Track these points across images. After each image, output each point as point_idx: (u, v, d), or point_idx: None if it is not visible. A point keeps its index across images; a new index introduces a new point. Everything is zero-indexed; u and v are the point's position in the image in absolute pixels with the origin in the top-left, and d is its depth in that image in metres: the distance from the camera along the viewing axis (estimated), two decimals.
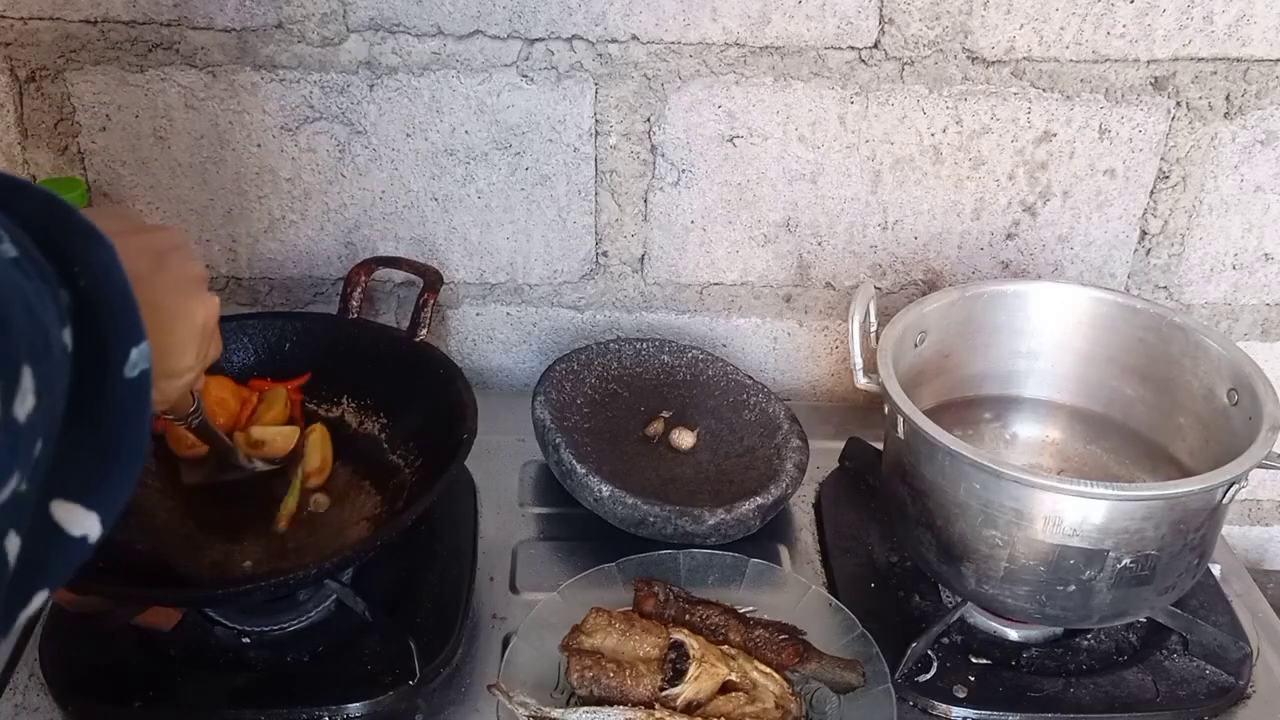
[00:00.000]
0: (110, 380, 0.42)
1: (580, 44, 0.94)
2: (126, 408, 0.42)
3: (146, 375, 0.43)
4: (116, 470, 0.42)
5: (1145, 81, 0.96)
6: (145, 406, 0.43)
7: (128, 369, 0.42)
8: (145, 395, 0.43)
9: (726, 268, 1.06)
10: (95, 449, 0.42)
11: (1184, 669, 0.81)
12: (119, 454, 0.42)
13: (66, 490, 0.41)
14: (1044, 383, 0.94)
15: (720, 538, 0.88)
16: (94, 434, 0.42)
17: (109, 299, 0.42)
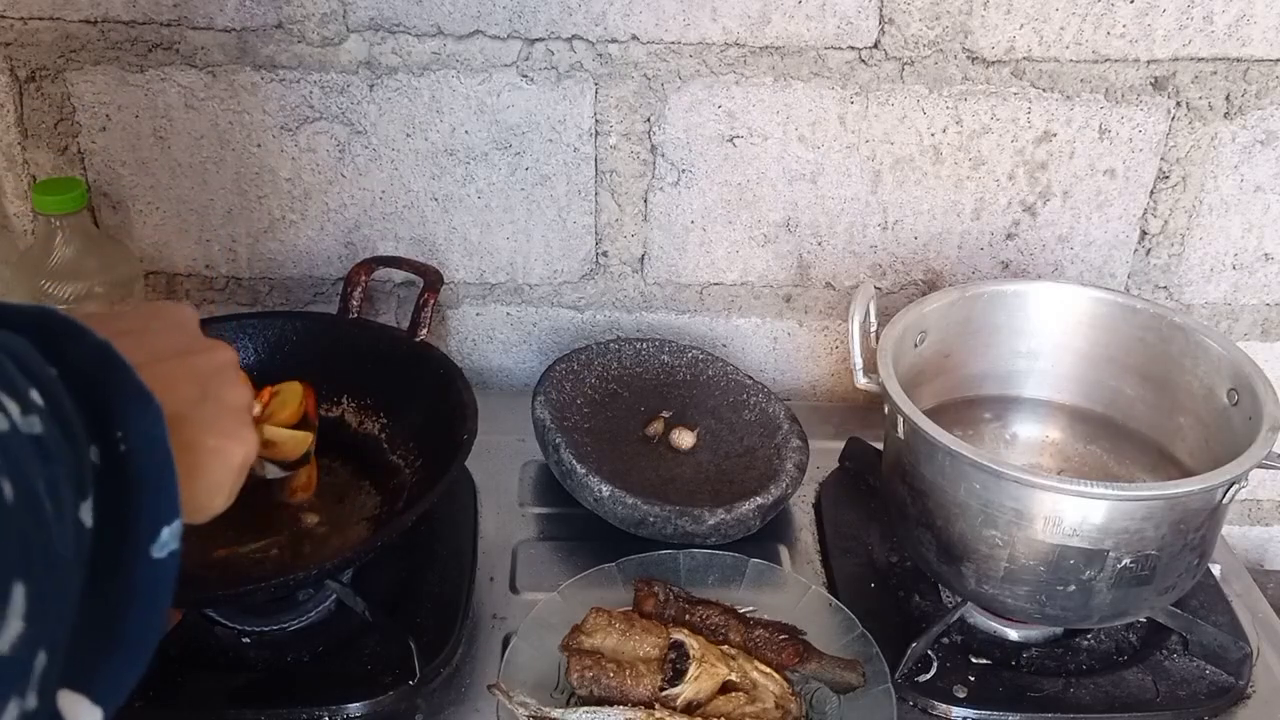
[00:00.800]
0: (134, 558, 0.39)
1: (580, 44, 0.94)
2: (147, 591, 0.40)
3: (175, 556, 0.40)
4: (126, 661, 0.40)
5: (1145, 81, 0.96)
6: (167, 591, 0.40)
7: (155, 549, 0.39)
8: (169, 579, 0.40)
9: (726, 268, 1.06)
10: (108, 633, 0.39)
11: (1184, 669, 0.81)
12: (132, 642, 0.40)
13: (73, 680, 0.38)
14: (1044, 383, 0.94)
15: (720, 538, 0.88)
16: (108, 616, 0.39)
17: (147, 471, 0.39)
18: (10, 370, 0.36)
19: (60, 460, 0.36)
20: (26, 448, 0.34)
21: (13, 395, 0.35)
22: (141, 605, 0.40)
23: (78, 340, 0.41)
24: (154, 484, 0.39)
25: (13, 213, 1.02)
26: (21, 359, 0.37)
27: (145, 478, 0.39)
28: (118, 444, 0.39)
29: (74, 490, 0.37)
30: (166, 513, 0.40)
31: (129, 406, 0.40)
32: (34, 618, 0.33)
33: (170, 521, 0.40)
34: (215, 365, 0.55)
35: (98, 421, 0.39)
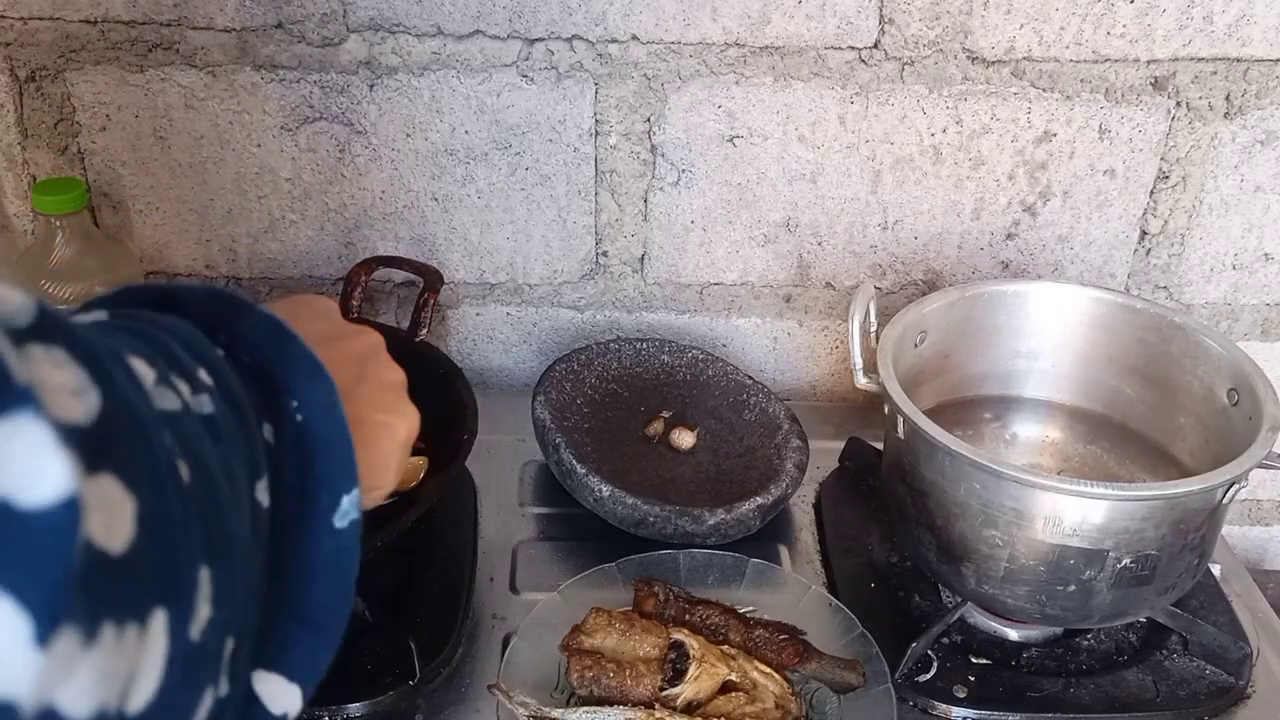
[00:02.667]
0: (316, 532, 0.38)
1: (580, 44, 0.94)
2: (332, 563, 0.39)
3: (356, 526, 0.39)
4: (318, 637, 0.39)
5: (1145, 81, 0.96)
6: (351, 563, 0.40)
7: (337, 519, 0.39)
8: (354, 549, 0.40)
9: (726, 268, 1.06)
10: (297, 611, 0.38)
11: (1184, 669, 0.81)
12: (321, 618, 0.39)
13: (267, 660, 0.38)
14: (1044, 383, 0.94)
15: (720, 538, 0.88)
16: (296, 594, 0.38)
17: (324, 441, 0.39)
18: (178, 351, 0.35)
19: (233, 439, 0.35)
20: (200, 428, 0.34)
21: (183, 376, 0.35)
22: (327, 579, 0.39)
23: (246, 316, 0.40)
24: (331, 453, 0.39)
25: (13, 213, 1.02)
26: (188, 340, 0.37)
27: (322, 448, 0.39)
28: (293, 416, 0.38)
29: (248, 469, 0.36)
30: (345, 481, 0.39)
31: (302, 378, 0.39)
32: (220, 602, 0.33)
33: (349, 490, 0.39)
34: (368, 347, 0.54)
35: (270, 396, 0.38)
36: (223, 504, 0.34)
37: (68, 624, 0.27)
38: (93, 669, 0.28)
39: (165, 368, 0.34)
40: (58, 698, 0.28)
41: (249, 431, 0.36)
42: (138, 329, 0.37)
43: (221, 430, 0.35)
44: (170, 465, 0.32)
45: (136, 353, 0.34)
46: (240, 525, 0.35)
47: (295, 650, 0.38)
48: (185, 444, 0.33)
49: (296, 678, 0.39)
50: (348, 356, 0.49)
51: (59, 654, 0.27)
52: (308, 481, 0.38)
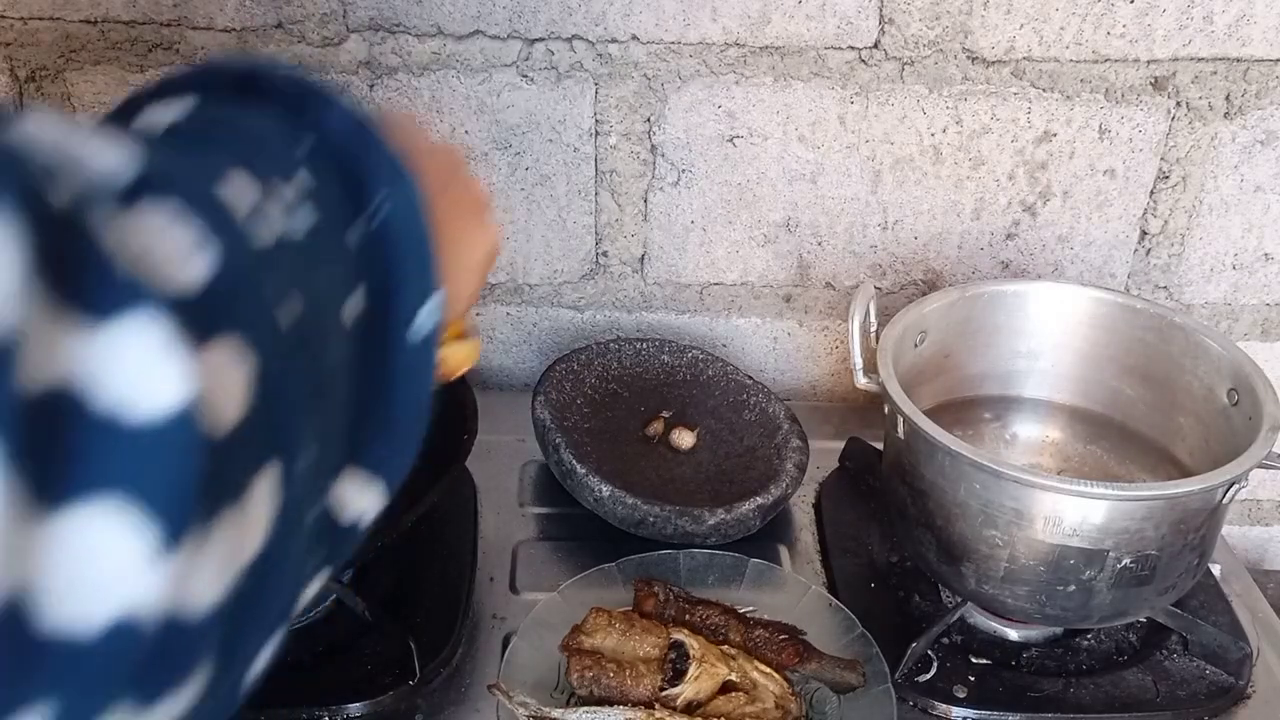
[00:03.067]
0: (396, 336, 0.37)
1: (580, 44, 0.94)
2: (412, 367, 0.38)
3: (436, 331, 0.38)
4: (400, 439, 0.39)
5: (1145, 81, 0.96)
6: (431, 365, 0.39)
7: (417, 324, 0.38)
8: (432, 354, 0.39)
9: (726, 268, 1.06)
10: (377, 415, 0.38)
11: (1184, 669, 0.81)
12: (402, 421, 0.39)
13: (352, 458, 0.37)
14: (1044, 383, 0.94)
15: (720, 538, 0.88)
16: (376, 399, 0.37)
17: (406, 243, 0.37)
18: (276, 157, 0.34)
19: (330, 256, 0.34)
20: (303, 249, 0.33)
21: (283, 186, 0.33)
22: (407, 383, 0.38)
23: (332, 109, 0.39)
24: (413, 259, 0.37)
25: None
26: (284, 143, 0.35)
27: (404, 253, 0.37)
28: (375, 218, 0.37)
29: (343, 285, 0.35)
30: (427, 287, 0.38)
31: (386, 179, 0.37)
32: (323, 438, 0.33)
33: (431, 295, 0.38)
34: (451, 162, 0.52)
35: (353, 197, 0.37)
36: (327, 333, 0.33)
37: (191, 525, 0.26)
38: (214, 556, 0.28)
39: (267, 183, 0.33)
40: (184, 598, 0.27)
41: (343, 244, 0.35)
42: (232, 128, 0.35)
43: (320, 247, 0.34)
44: (280, 306, 0.31)
45: (237, 167, 0.32)
46: (337, 349, 0.34)
47: (376, 448, 0.38)
48: (293, 274, 0.32)
49: (379, 472, 0.38)
50: (431, 168, 0.46)
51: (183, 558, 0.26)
52: (388, 287, 0.37)
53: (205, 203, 0.29)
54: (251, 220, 0.31)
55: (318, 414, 0.33)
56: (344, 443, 0.36)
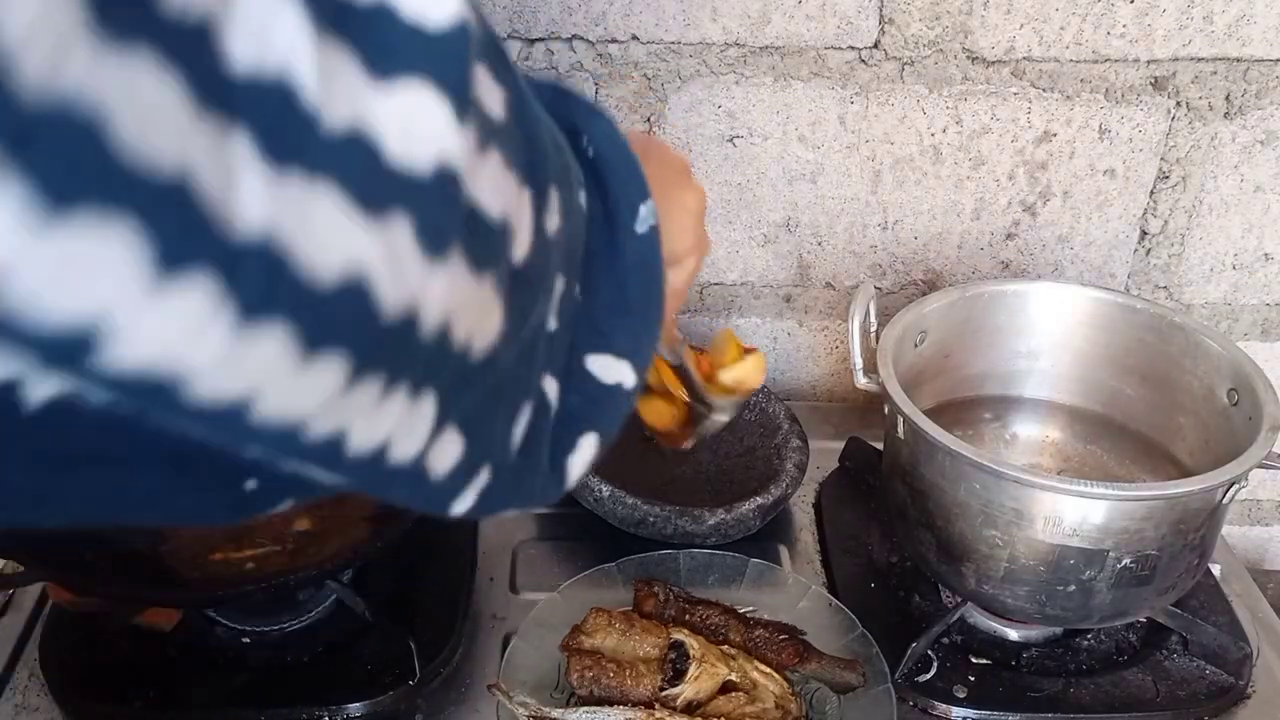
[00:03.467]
0: (622, 237, 0.43)
1: (580, 44, 0.94)
2: (641, 261, 0.44)
3: (655, 231, 0.44)
4: (639, 321, 0.44)
5: (1145, 81, 0.96)
6: (658, 259, 0.44)
7: (638, 224, 0.43)
8: (656, 248, 0.44)
9: (726, 268, 1.06)
10: (617, 306, 0.43)
11: (1184, 669, 0.81)
12: (640, 306, 0.44)
13: (595, 345, 0.43)
14: (1044, 383, 0.94)
15: (720, 538, 0.88)
16: (614, 290, 0.43)
17: (615, 163, 0.43)
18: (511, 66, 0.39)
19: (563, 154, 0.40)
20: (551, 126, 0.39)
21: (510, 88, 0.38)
22: (639, 272, 0.44)
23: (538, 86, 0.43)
24: (624, 171, 0.43)
25: None
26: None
27: (615, 169, 0.43)
28: (585, 150, 0.43)
29: (578, 176, 0.41)
30: (639, 193, 0.43)
31: (587, 117, 0.44)
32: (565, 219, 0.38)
33: (644, 199, 0.43)
34: (649, 136, 0.57)
35: (568, 136, 0.42)
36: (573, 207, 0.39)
37: (471, 117, 0.31)
38: (494, 173, 0.33)
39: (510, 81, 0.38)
40: (479, 185, 0.32)
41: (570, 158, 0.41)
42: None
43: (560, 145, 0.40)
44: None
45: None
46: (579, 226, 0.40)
47: (619, 334, 0.44)
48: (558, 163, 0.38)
49: (625, 353, 0.44)
50: (630, 136, 0.51)
51: (473, 138, 0.31)
52: (608, 201, 0.43)
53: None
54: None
55: (564, 201, 0.38)
56: (588, 328, 0.42)
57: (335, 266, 0.28)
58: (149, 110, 0.23)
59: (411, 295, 0.30)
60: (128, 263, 0.23)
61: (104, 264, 0.22)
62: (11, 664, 0.79)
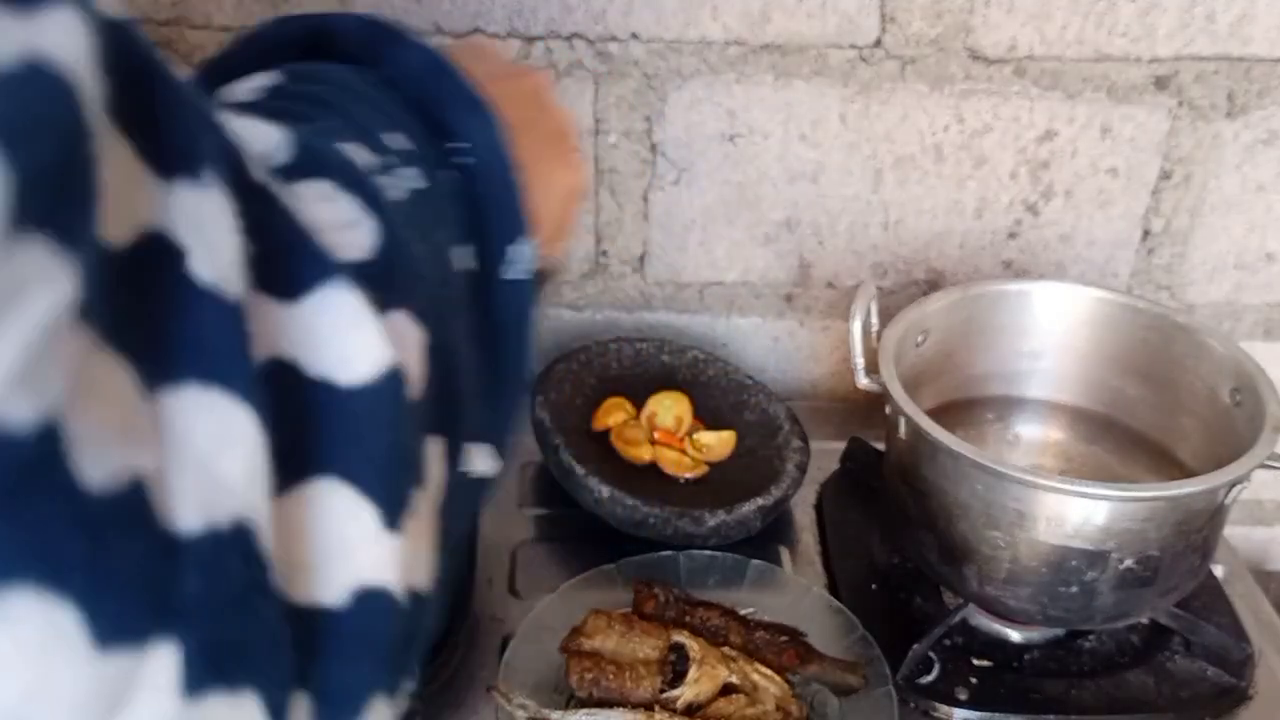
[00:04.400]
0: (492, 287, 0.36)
1: (579, 42, 0.94)
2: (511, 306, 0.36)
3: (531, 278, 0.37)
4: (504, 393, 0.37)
5: (1147, 80, 0.96)
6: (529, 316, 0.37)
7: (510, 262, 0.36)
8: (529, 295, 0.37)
9: (726, 267, 1.06)
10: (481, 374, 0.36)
11: (1186, 670, 0.81)
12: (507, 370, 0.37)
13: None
14: (1046, 383, 0.94)
15: (721, 539, 0.88)
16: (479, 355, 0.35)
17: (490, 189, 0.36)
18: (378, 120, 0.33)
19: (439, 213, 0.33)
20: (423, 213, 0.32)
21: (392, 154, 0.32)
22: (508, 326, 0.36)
23: (404, 47, 0.37)
24: (500, 202, 0.36)
25: None
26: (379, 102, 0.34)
27: (489, 196, 0.35)
28: (462, 161, 0.35)
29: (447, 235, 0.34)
30: (515, 231, 0.36)
31: (467, 117, 0.36)
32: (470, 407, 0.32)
33: (519, 239, 0.36)
34: (532, 88, 0.48)
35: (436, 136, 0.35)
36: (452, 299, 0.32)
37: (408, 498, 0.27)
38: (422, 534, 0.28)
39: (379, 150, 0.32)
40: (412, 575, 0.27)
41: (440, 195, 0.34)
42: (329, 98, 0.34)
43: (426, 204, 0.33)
44: (428, 277, 0.30)
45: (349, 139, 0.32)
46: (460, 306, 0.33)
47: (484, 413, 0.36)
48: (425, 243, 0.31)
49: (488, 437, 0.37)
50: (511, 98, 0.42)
51: (405, 532, 0.26)
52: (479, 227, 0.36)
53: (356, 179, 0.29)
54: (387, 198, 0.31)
55: (467, 386, 0.32)
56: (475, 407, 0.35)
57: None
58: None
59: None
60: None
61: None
62: None
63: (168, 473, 0.21)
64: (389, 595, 0.26)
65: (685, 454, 0.96)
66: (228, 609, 0.22)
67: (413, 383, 0.28)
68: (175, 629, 0.21)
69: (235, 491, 0.22)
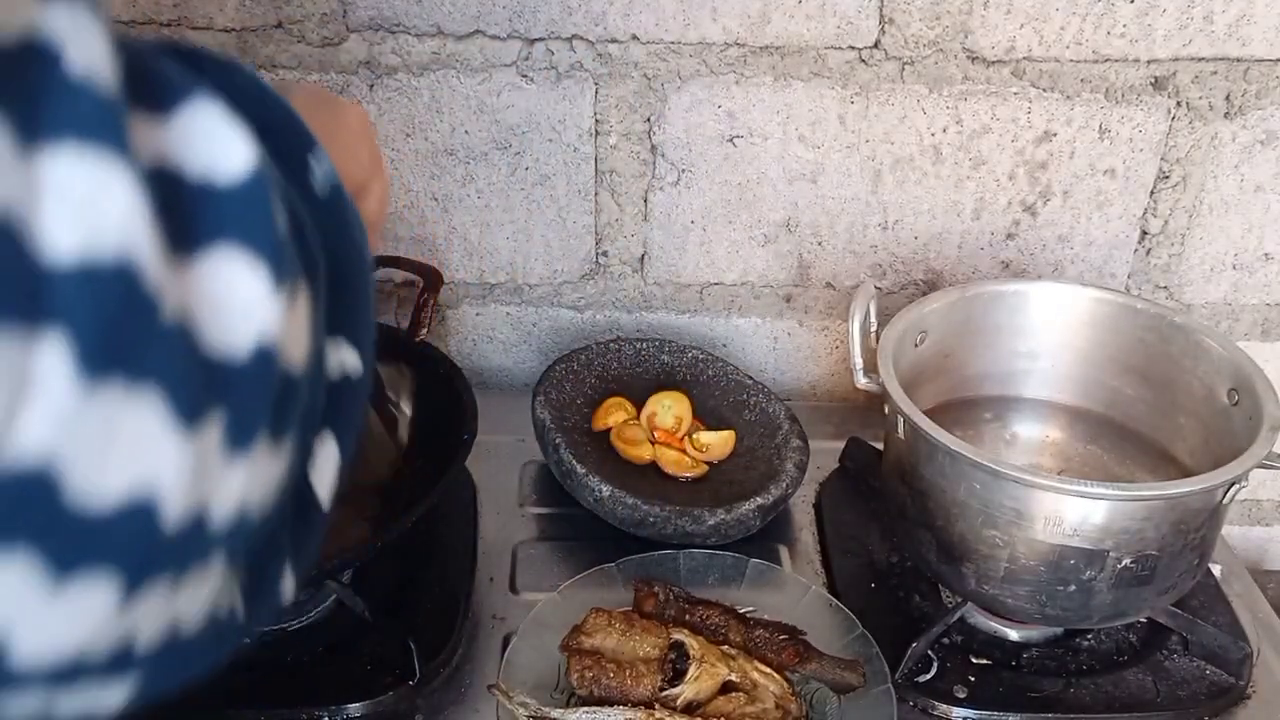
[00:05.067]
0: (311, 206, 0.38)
1: (580, 44, 0.94)
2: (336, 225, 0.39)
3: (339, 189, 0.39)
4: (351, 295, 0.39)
5: (1145, 81, 0.96)
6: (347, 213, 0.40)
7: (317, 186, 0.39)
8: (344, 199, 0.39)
9: (726, 268, 1.06)
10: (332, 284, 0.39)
11: (1184, 669, 0.81)
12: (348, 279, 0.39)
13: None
14: (1044, 383, 0.94)
15: (720, 538, 0.88)
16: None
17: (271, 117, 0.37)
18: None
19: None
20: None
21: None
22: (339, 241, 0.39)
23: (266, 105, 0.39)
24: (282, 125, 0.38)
25: None
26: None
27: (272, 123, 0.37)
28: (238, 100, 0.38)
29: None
30: (305, 144, 0.38)
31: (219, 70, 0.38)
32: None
33: (311, 150, 0.38)
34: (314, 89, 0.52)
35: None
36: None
37: (287, 275, 0.31)
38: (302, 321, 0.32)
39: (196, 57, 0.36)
40: (289, 347, 0.32)
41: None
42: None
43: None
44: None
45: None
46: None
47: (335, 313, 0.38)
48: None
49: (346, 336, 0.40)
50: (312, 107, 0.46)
51: (287, 301, 0.31)
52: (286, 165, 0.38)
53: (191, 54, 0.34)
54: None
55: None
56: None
57: (119, 489, 0.26)
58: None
59: (205, 497, 0.29)
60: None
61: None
62: None
63: (42, 209, 0.24)
64: (280, 350, 0.30)
65: (685, 454, 0.97)
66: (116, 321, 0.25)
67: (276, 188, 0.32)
68: (57, 321, 0.24)
69: (115, 230, 0.25)
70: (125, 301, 0.25)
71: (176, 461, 0.27)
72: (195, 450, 0.27)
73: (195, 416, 0.27)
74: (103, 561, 0.26)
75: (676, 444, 0.98)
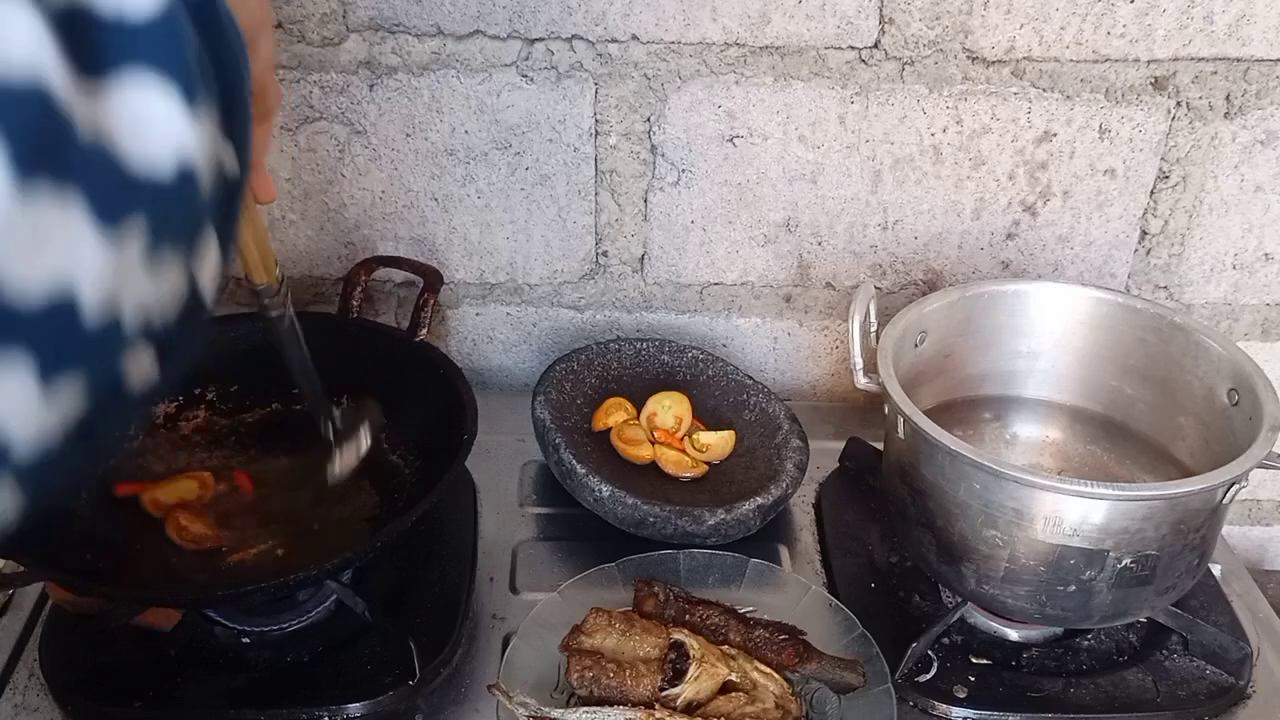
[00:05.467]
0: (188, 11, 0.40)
1: (580, 44, 0.94)
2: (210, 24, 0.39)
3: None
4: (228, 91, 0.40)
5: (1145, 81, 0.96)
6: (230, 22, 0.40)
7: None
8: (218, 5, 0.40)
9: (726, 268, 1.06)
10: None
11: (1184, 669, 0.81)
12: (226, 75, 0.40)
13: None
14: (1044, 383, 0.94)
15: (720, 538, 0.88)
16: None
17: None
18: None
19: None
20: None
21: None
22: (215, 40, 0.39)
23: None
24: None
25: None
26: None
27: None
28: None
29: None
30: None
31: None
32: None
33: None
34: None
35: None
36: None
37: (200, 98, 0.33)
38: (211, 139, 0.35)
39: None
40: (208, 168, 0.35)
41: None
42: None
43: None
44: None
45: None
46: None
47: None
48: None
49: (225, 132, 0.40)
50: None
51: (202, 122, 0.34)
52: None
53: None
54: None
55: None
56: None
57: (45, 283, 0.29)
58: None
59: (122, 299, 0.32)
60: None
61: None
62: (11, 664, 0.79)
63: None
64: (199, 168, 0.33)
65: (685, 454, 0.97)
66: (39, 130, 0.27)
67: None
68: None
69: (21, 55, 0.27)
70: (43, 115, 0.28)
71: (99, 262, 0.29)
72: (117, 254, 0.30)
73: (116, 222, 0.30)
74: (25, 349, 0.29)
75: (676, 444, 0.98)
